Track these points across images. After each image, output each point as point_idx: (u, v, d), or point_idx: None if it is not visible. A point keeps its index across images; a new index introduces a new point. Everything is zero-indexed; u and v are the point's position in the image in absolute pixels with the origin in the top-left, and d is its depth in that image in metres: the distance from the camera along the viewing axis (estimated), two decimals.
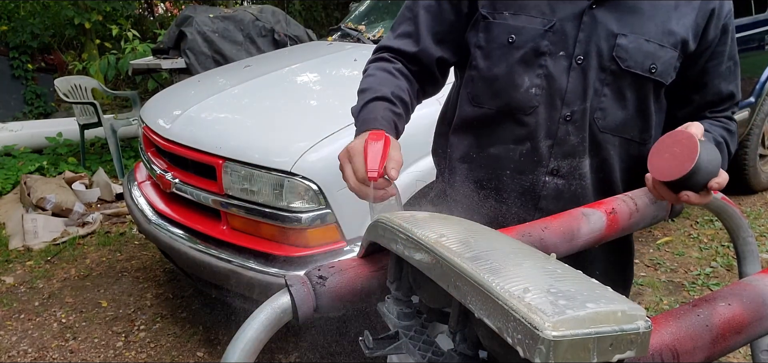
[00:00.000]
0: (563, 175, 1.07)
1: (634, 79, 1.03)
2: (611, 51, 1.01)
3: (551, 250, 0.83)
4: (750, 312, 0.62)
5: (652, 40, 1.01)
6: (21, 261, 3.59)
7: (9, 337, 2.82)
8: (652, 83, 1.04)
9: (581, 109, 1.03)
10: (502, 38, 1.05)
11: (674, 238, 3.59)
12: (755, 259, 1.11)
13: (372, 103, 1.03)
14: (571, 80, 1.02)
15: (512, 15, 1.04)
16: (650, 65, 1.02)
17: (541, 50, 1.03)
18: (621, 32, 1.01)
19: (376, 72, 1.10)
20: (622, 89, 1.03)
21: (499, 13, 1.06)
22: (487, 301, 0.48)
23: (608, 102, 1.04)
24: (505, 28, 1.05)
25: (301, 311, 0.67)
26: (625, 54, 1.01)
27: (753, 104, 3.90)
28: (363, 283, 0.72)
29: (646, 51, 1.01)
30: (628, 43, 1.01)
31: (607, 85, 1.03)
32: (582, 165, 1.07)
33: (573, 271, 0.52)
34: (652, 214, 0.99)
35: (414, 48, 1.12)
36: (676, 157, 0.86)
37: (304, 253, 2.07)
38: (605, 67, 1.02)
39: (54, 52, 7.90)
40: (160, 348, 2.69)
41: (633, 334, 0.45)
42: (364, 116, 1.01)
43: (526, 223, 0.88)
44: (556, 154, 1.06)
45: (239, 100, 2.69)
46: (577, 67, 1.02)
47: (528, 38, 1.03)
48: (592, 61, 1.02)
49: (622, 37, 1.01)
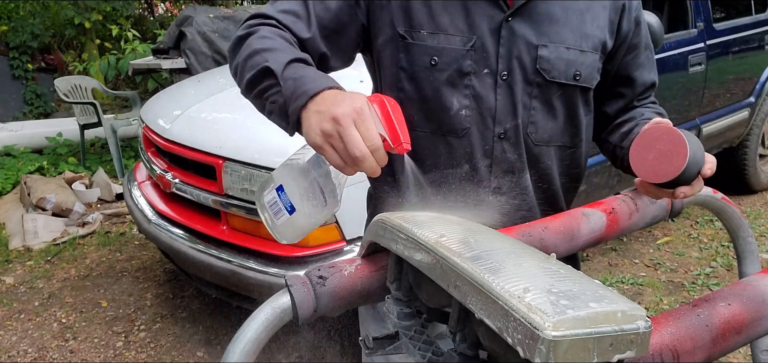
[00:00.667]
0: (505, 192, 1.05)
1: (560, 89, 1.02)
2: (534, 63, 0.99)
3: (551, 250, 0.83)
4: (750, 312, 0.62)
5: (572, 47, 1.01)
6: (21, 261, 3.59)
7: (9, 337, 2.82)
8: (579, 90, 1.03)
9: (513, 126, 1.01)
10: (423, 61, 1.00)
11: (674, 238, 3.59)
12: (755, 258, 1.11)
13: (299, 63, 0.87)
14: (499, 97, 1.00)
15: (430, 34, 0.99)
16: (574, 73, 1.01)
17: (465, 70, 0.99)
18: (541, 43, 0.99)
19: (274, 37, 0.93)
20: (550, 100, 1.02)
21: (416, 32, 1.00)
22: (487, 301, 0.48)
23: (538, 115, 1.02)
24: (425, 49, 1.00)
25: (301, 311, 0.67)
26: (549, 65, 1.00)
27: (753, 104, 3.90)
28: (363, 283, 0.72)
29: (568, 59, 1.01)
30: (549, 53, 0.99)
31: (535, 98, 1.01)
32: (523, 180, 1.05)
33: (573, 271, 0.52)
34: (652, 214, 0.99)
35: (306, 33, 0.97)
36: (665, 155, 0.84)
37: (304, 253, 2.07)
38: (531, 81, 1.00)
39: (54, 52, 7.90)
40: (160, 348, 2.69)
41: (633, 334, 0.45)
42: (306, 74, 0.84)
43: (526, 223, 0.88)
44: (496, 172, 1.04)
45: (239, 100, 2.68)
46: (502, 83, 1.00)
47: (450, 60, 0.99)
48: (516, 76, 1.00)
49: (542, 48, 0.99)
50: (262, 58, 0.88)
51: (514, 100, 1.00)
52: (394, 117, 0.77)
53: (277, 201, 0.83)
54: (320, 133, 0.76)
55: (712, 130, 3.54)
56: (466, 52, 0.99)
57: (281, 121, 0.86)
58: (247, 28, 0.95)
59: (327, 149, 0.75)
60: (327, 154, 0.76)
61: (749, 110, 3.88)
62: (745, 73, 3.84)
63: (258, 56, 0.89)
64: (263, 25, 0.95)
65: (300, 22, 0.97)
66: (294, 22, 0.97)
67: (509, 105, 1.01)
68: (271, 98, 0.86)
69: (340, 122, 0.73)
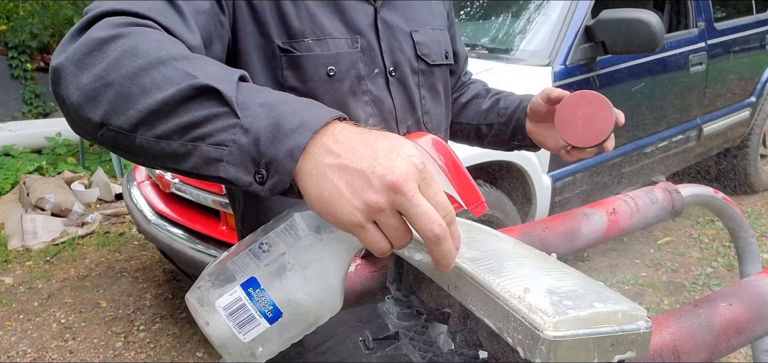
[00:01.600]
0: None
1: (439, 71, 1.02)
2: (415, 50, 0.97)
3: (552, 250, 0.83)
4: (751, 312, 0.62)
5: (435, 28, 1.02)
6: (20, 261, 3.59)
7: (8, 338, 2.82)
8: (447, 68, 1.06)
9: (414, 121, 0.98)
10: (319, 73, 0.85)
11: (675, 238, 3.59)
12: (756, 259, 1.11)
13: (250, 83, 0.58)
14: (395, 96, 0.94)
15: (316, 41, 0.85)
16: (445, 52, 1.03)
17: (362, 74, 0.90)
18: (412, 29, 0.97)
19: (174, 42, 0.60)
20: (434, 85, 1.02)
21: (300, 42, 0.84)
22: (487, 301, 0.47)
23: (429, 103, 1.00)
24: (318, 59, 0.85)
25: None
26: (427, 49, 0.99)
27: (754, 104, 3.90)
28: (363, 284, 0.72)
29: (438, 39, 1.02)
30: (423, 38, 0.98)
31: (422, 86, 0.99)
32: None
33: (573, 271, 0.52)
34: (653, 214, 0.99)
35: (193, 40, 0.68)
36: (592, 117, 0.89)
37: None
38: (416, 70, 0.97)
39: (53, 51, 7.90)
40: (160, 348, 2.69)
41: (634, 335, 0.44)
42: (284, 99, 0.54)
43: (527, 223, 0.88)
44: None
45: None
46: (393, 80, 0.94)
47: (347, 66, 0.88)
48: (403, 68, 0.95)
49: (415, 34, 0.97)
50: (176, 72, 0.54)
51: (408, 94, 0.96)
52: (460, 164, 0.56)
53: (244, 305, 0.52)
54: (363, 208, 0.48)
55: (713, 130, 3.54)
56: (357, 52, 0.88)
57: (242, 173, 0.53)
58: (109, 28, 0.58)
59: (369, 230, 0.49)
60: (368, 237, 0.49)
61: (750, 110, 3.88)
62: (746, 73, 3.84)
63: (165, 69, 0.55)
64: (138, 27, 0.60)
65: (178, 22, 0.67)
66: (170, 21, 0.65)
67: (406, 101, 0.97)
68: (217, 138, 0.53)
69: (404, 191, 0.47)
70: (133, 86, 0.54)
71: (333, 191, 0.49)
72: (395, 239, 0.49)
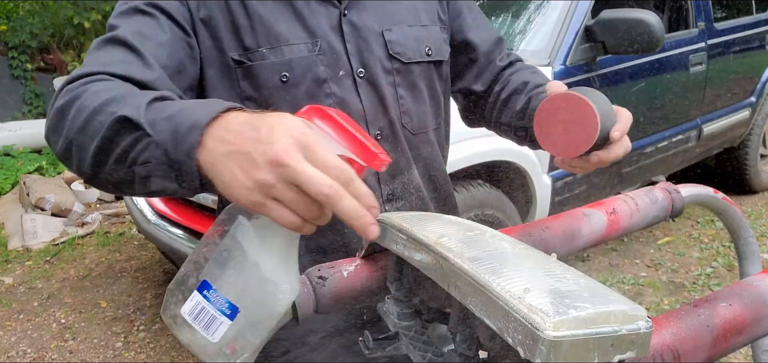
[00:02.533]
0: (399, 196, 0.98)
1: (419, 69, 0.99)
2: (386, 50, 0.94)
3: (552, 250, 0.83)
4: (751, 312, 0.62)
5: (414, 24, 0.99)
6: (20, 261, 3.59)
7: (8, 338, 2.82)
8: (433, 65, 1.01)
9: (387, 123, 0.95)
10: (273, 80, 0.86)
11: (675, 238, 3.59)
12: (756, 259, 1.11)
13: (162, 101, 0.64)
14: (364, 98, 0.92)
15: (270, 50, 0.86)
16: (426, 49, 0.99)
17: (321, 77, 0.89)
18: (384, 28, 0.95)
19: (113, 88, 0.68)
20: (414, 83, 0.98)
21: (254, 52, 0.86)
22: (487, 301, 0.47)
23: (407, 102, 0.98)
24: (271, 67, 0.86)
25: (301, 311, 0.67)
26: (401, 47, 0.96)
27: (754, 104, 3.90)
28: (363, 284, 0.72)
29: (416, 36, 0.98)
30: (396, 36, 0.96)
31: (399, 86, 0.97)
32: (412, 178, 0.99)
33: (574, 271, 0.52)
34: (653, 214, 0.99)
35: (149, 74, 0.74)
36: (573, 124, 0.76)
37: None
38: (389, 69, 0.95)
39: (53, 51, 7.90)
40: (160, 348, 2.69)
41: (634, 335, 0.44)
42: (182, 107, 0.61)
43: (527, 223, 0.87)
44: (385, 178, 0.96)
45: None
46: (362, 81, 0.93)
47: (302, 70, 0.87)
48: (374, 68, 0.93)
49: (388, 32, 0.95)
50: (106, 114, 0.63)
51: (380, 94, 0.94)
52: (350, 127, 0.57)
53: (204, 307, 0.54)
54: (254, 187, 0.51)
55: (713, 130, 3.54)
56: (315, 56, 0.88)
57: (167, 181, 0.60)
58: (66, 94, 0.69)
59: (270, 206, 0.52)
60: (272, 213, 0.52)
61: (750, 110, 3.88)
62: (746, 73, 3.84)
63: (99, 115, 0.63)
64: (89, 83, 0.69)
65: (136, 65, 0.75)
66: (128, 67, 0.73)
67: (376, 102, 0.94)
68: (142, 157, 0.60)
69: (285, 162, 0.50)
70: (84, 138, 0.65)
71: (230, 177, 0.53)
72: (301, 211, 0.52)
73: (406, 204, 0.99)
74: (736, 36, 3.66)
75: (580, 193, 2.83)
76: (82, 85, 0.69)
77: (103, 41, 0.78)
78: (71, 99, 0.68)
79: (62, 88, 0.71)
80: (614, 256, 3.40)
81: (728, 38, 3.59)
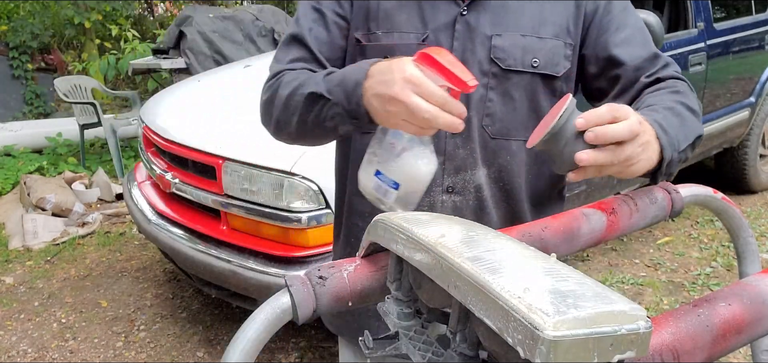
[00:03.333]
0: (459, 191, 1.02)
1: (519, 78, 1.00)
2: (489, 53, 0.98)
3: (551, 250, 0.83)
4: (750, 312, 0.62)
5: (529, 35, 0.99)
6: (21, 261, 3.59)
7: (9, 337, 2.82)
8: (539, 77, 1.00)
9: (466, 119, 0.96)
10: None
11: (674, 238, 3.59)
12: (756, 259, 1.11)
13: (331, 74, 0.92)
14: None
15: (385, 34, 1.01)
16: (532, 59, 0.99)
17: None
18: (495, 33, 0.98)
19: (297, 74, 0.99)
20: (508, 90, 1.00)
21: (372, 34, 1.02)
22: (487, 301, 0.47)
23: (495, 106, 1.00)
24: (379, 49, 1.00)
25: (301, 311, 0.67)
26: (503, 53, 0.98)
27: (753, 104, 3.90)
28: (363, 283, 0.72)
29: (524, 46, 0.98)
30: (503, 42, 0.98)
31: (492, 89, 1.00)
32: (476, 177, 1.02)
33: (573, 271, 0.52)
34: (653, 214, 0.99)
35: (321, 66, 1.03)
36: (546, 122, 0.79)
37: (304, 253, 2.07)
38: (486, 71, 0.99)
39: (54, 51, 7.90)
40: (160, 348, 2.69)
41: (633, 335, 0.44)
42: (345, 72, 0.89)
43: (526, 223, 0.87)
44: (449, 170, 1.01)
45: (239, 100, 2.69)
46: None
47: (402, 55, 0.94)
48: (471, 67, 0.97)
49: (496, 38, 0.98)
50: (299, 95, 0.93)
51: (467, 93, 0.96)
52: (446, 62, 0.76)
53: (380, 185, 0.86)
54: (387, 115, 0.81)
55: (712, 130, 3.54)
56: (417, 45, 0.98)
57: (350, 126, 0.90)
58: (269, 90, 1.01)
59: (401, 125, 0.80)
60: (405, 129, 0.81)
61: (749, 110, 3.88)
62: (745, 73, 3.84)
63: (294, 97, 0.94)
64: (281, 77, 1.00)
65: (310, 65, 1.02)
66: (305, 67, 1.02)
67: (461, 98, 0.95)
68: (330, 115, 0.90)
69: (399, 97, 0.77)
70: (287, 115, 0.97)
71: (376, 111, 0.83)
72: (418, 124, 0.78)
73: (464, 200, 1.03)
74: (735, 36, 3.66)
75: (580, 192, 2.83)
76: (277, 80, 1.00)
77: (290, 38, 1.06)
78: (272, 93, 1.00)
79: (265, 84, 1.03)
80: (614, 256, 3.40)
81: (727, 38, 3.59)
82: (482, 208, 1.04)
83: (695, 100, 1.00)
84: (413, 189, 0.86)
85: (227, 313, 2.92)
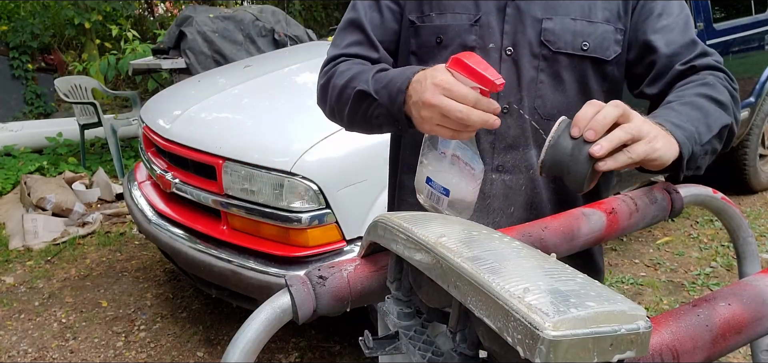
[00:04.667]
0: (509, 170, 1.05)
1: (568, 61, 1.01)
2: (539, 36, 1.00)
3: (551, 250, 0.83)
4: (750, 312, 0.62)
5: (579, 18, 1.00)
6: (21, 261, 3.59)
7: (9, 337, 2.82)
8: (589, 61, 1.02)
9: (517, 100, 1.02)
10: (430, 40, 1.06)
11: (674, 238, 3.59)
12: (755, 259, 1.11)
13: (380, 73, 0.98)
14: (504, 72, 1.01)
15: (438, 15, 1.05)
16: (582, 43, 1.00)
17: (469, 45, 1.02)
18: (545, 16, 1.00)
19: (351, 66, 1.05)
20: (558, 73, 1.02)
21: (426, 16, 1.06)
22: (487, 301, 0.47)
23: (546, 88, 1.02)
24: (432, 29, 1.05)
25: (301, 311, 0.67)
26: (554, 36, 1.00)
27: (753, 104, 3.90)
28: (363, 283, 0.72)
29: (575, 30, 1.00)
30: (553, 25, 1.00)
31: (542, 71, 1.02)
32: (527, 156, 1.04)
33: (573, 271, 0.52)
34: (652, 214, 0.99)
35: (375, 54, 1.09)
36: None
37: (304, 253, 2.07)
38: (536, 54, 1.01)
39: (54, 52, 7.90)
40: (160, 348, 2.69)
41: (633, 335, 0.45)
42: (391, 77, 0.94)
43: (526, 223, 0.88)
44: (498, 148, 1.04)
45: (239, 100, 2.69)
46: (507, 58, 1.01)
47: (454, 35, 1.03)
48: (522, 49, 1.01)
49: (547, 21, 1.00)
50: (350, 89, 0.99)
51: (519, 74, 1.02)
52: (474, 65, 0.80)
53: (432, 191, 0.90)
54: (423, 121, 0.85)
55: None
56: (469, 27, 1.02)
57: (392, 127, 0.96)
58: (325, 75, 1.08)
59: (439, 130, 0.84)
60: (442, 134, 0.84)
61: (749, 110, 3.88)
62: (745, 73, 3.84)
63: (346, 90, 1.00)
64: (337, 65, 1.07)
65: (365, 49, 1.08)
66: (360, 51, 1.08)
67: (513, 79, 1.02)
68: (376, 114, 0.96)
69: (432, 102, 0.82)
70: (340, 105, 1.03)
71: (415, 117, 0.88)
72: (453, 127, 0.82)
73: (514, 178, 1.05)
74: (735, 36, 3.66)
75: None
76: (333, 67, 1.07)
77: (347, 22, 1.12)
78: (328, 79, 1.06)
79: (322, 67, 1.10)
80: (614, 256, 3.40)
81: (727, 38, 3.59)
82: (534, 187, 1.05)
83: (725, 92, 0.98)
84: (463, 194, 0.89)
85: (227, 313, 2.92)
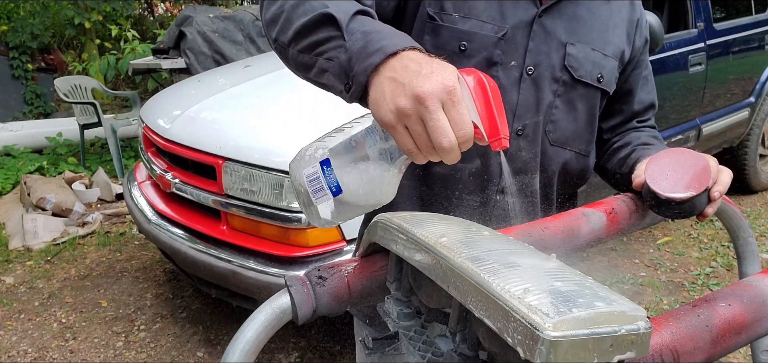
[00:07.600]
0: (514, 193, 1.01)
1: (585, 90, 1.01)
2: (562, 60, 0.98)
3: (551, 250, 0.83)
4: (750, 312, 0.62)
5: (597, 49, 1.00)
6: (21, 261, 3.59)
7: (9, 337, 2.82)
8: (600, 93, 1.03)
9: (533, 123, 0.98)
10: (452, 45, 0.94)
11: (674, 238, 3.59)
12: (755, 259, 1.11)
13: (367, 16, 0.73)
14: (522, 92, 0.97)
15: (462, 18, 0.94)
16: (598, 75, 1.00)
17: (494, 60, 0.95)
18: (569, 41, 0.98)
19: None
20: (573, 100, 1.01)
21: (447, 15, 0.94)
22: (487, 301, 0.47)
23: (560, 114, 1.00)
24: (455, 33, 0.94)
25: (301, 312, 0.67)
26: (576, 63, 0.98)
27: (753, 104, 3.90)
28: (363, 283, 0.72)
29: (594, 60, 1.00)
30: (577, 52, 0.98)
31: (559, 97, 1.00)
32: (533, 181, 1.02)
33: (573, 271, 0.52)
34: (652, 214, 0.99)
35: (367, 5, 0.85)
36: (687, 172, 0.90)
37: (304, 253, 2.07)
38: (557, 78, 0.98)
39: (54, 52, 7.90)
40: (160, 348, 2.69)
41: (633, 335, 0.45)
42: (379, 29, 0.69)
43: (526, 223, 0.88)
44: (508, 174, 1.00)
45: (239, 100, 2.69)
46: (527, 78, 0.97)
47: (480, 47, 0.94)
48: (544, 72, 0.97)
49: (570, 46, 0.98)
50: (319, 4, 0.72)
51: (538, 96, 0.98)
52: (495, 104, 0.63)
53: (319, 177, 0.68)
54: (394, 110, 0.62)
55: (712, 130, 3.54)
56: (497, 40, 0.94)
57: (338, 82, 0.70)
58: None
59: (399, 131, 0.63)
60: (397, 136, 0.63)
61: (749, 110, 3.88)
62: (745, 73, 3.84)
63: (310, 3, 0.73)
64: None
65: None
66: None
67: (532, 101, 0.98)
68: (328, 53, 0.70)
69: (426, 103, 0.59)
70: (294, 14, 0.74)
71: (380, 95, 0.64)
72: (421, 144, 0.62)
73: (518, 202, 1.02)
74: (735, 36, 3.66)
75: (580, 193, 2.83)
76: None
77: None
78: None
79: None
80: (614, 256, 3.40)
81: (728, 38, 3.59)
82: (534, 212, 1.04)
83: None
84: (354, 205, 0.70)
85: (227, 313, 2.92)
